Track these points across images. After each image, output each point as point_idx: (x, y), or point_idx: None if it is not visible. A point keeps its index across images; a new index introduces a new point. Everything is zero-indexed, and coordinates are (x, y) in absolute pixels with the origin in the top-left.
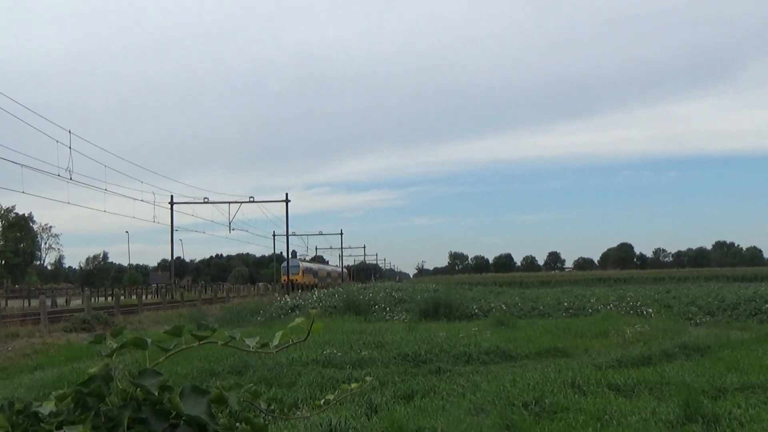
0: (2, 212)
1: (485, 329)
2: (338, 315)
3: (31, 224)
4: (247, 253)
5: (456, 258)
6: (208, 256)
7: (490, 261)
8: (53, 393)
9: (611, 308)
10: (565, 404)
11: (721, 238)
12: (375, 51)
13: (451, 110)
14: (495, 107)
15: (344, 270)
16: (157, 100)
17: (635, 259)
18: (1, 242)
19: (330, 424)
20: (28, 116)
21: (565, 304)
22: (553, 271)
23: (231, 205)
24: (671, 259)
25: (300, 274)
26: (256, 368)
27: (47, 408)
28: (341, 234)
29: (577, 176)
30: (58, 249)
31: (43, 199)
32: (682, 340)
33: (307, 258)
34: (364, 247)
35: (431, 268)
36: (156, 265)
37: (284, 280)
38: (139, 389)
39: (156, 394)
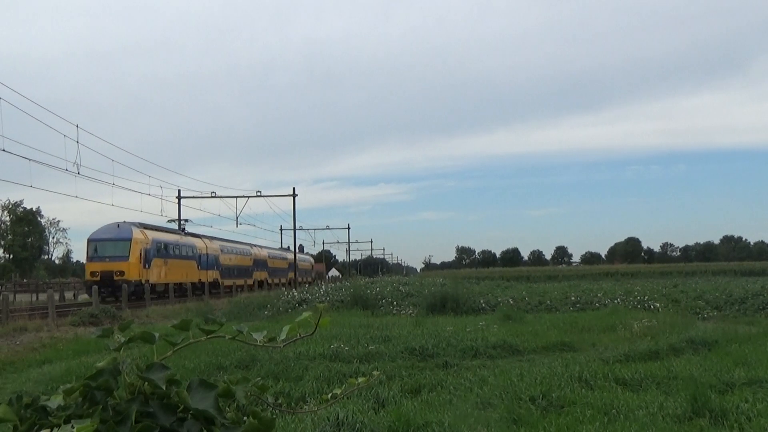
0: (10, 206)
1: (492, 323)
2: (345, 309)
3: (38, 218)
4: None
5: (463, 252)
6: None
7: (498, 255)
8: (61, 387)
9: (618, 303)
10: (573, 398)
11: (729, 233)
12: (383, 46)
13: (459, 105)
14: (503, 102)
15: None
16: (165, 94)
17: (642, 254)
18: (9, 236)
19: (337, 418)
20: (35, 111)
21: (573, 298)
22: (561, 266)
23: (238, 199)
24: (679, 253)
25: (136, 259)
26: (263, 362)
27: (55, 402)
28: (348, 228)
29: (585, 170)
30: (66, 243)
31: (50, 193)
32: (689, 335)
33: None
34: (371, 242)
35: (438, 262)
36: None
37: (89, 276)
38: (146, 383)
39: (164, 388)
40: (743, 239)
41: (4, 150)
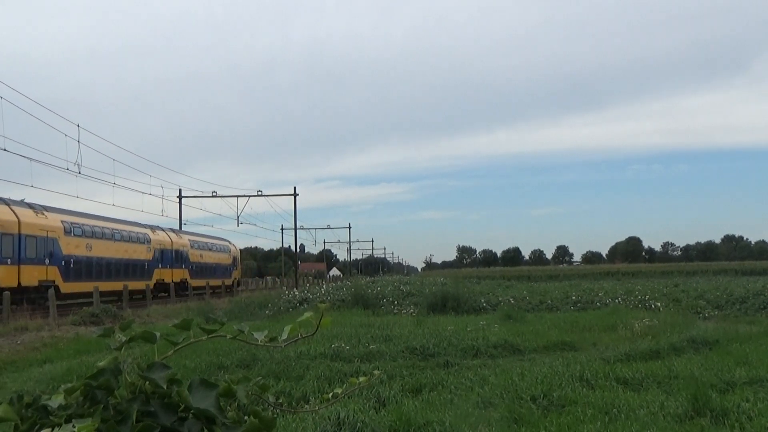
0: None
1: (493, 323)
2: (346, 309)
3: None
4: (255, 247)
5: (464, 252)
6: None
7: (498, 255)
8: (62, 386)
9: (619, 302)
10: (573, 398)
11: (730, 232)
12: (385, 45)
13: (461, 104)
14: (504, 101)
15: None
16: (166, 94)
17: (643, 253)
18: None
19: (338, 418)
20: (36, 110)
21: (573, 297)
22: (561, 265)
23: (239, 198)
24: (680, 252)
25: None
26: (264, 362)
27: (56, 401)
28: (349, 228)
29: (587, 170)
30: None
31: (51, 193)
32: (690, 334)
33: None
34: (372, 241)
35: (439, 261)
36: None
37: None
38: (147, 382)
39: (164, 387)
40: (744, 239)
41: (5, 149)
